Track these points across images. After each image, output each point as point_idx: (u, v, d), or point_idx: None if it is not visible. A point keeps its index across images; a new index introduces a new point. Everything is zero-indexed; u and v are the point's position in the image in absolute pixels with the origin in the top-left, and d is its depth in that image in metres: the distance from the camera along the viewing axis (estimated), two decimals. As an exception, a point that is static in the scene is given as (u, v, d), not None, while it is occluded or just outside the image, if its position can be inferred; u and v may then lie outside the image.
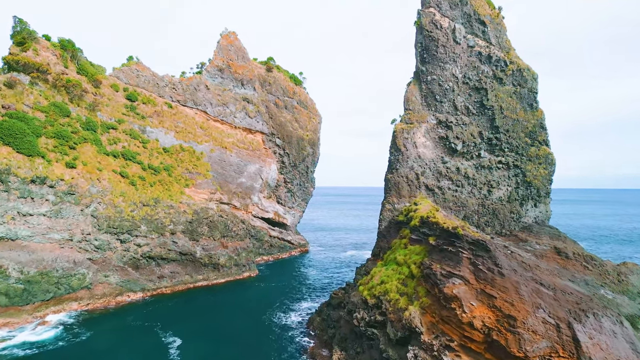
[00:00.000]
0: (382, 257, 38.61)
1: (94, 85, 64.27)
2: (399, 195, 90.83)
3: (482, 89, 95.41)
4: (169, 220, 60.14)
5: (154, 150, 67.66)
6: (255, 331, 43.10)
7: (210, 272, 61.46)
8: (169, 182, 66.01)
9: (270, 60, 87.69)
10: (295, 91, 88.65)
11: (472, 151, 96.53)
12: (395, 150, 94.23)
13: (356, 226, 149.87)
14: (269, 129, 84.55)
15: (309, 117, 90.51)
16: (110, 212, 54.67)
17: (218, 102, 78.60)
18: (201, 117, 76.87)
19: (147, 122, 68.67)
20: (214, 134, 77.09)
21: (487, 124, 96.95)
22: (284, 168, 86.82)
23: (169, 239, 59.16)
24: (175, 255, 59.01)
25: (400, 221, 37.29)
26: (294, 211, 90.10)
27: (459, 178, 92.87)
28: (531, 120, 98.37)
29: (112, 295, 51.77)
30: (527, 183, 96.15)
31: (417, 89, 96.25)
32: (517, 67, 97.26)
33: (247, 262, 66.25)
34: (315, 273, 70.17)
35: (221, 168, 76.11)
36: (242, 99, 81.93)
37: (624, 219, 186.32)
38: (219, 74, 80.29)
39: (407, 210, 37.01)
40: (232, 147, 78.67)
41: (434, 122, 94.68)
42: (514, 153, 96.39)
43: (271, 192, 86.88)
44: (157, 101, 71.56)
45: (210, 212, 65.14)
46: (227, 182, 76.63)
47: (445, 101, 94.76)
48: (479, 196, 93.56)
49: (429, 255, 30.21)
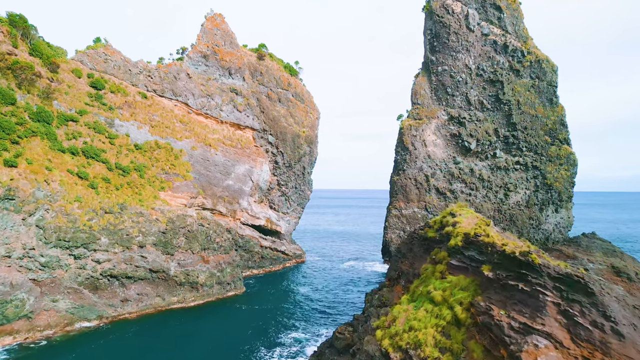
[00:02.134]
0: (404, 284, 28.80)
1: (50, 69, 54.11)
2: (406, 200, 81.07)
3: (498, 82, 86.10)
4: (137, 231, 49.95)
5: (124, 147, 57.54)
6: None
7: (187, 292, 51.29)
8: (140, 184, 55.87)
9: (262, 47, 77.91)
10: (290, 82, 78.88)
11: (486, 150, 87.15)
12: (402, 150, 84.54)
13: (355, 232, 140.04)
14: (260, 125, 74.65)
15: (305, 112, 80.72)
16: (60, 221, 44.41)
17: (201, 93, 68.62)
18: (181, 110, 66.83)
19: (115, 114, 58.56)
20: (197, 129, 67.06)
21: (503, 121, 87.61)
22: (278, 169, 76.92)
23: (137, 253, 48.98)
24: (143, 273, 48.82)
25: (430, 238, 27.61)
26: (288, 217, 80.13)
27: (472, 180, 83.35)
28: (551, 116, 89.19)
29: (59, 325, 41.45)
30: (547, 186, 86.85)
31: (426, 81, 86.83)
32: (535, 57, 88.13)
33: (233, 279, 56.14)
34: (311, 291, 60.17)
35: (204, 168, 66.06)
36: (230, 90, 72.01)
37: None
38: (203, 61, 70.35)
39: (440, 222, 27.27)
40: (217, 144, 68.67)
41: (445, 117, 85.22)
42: (532, 153, 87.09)
43: (263, 196, 76.91)
44: (128, 90, 61.47)
45: (189, 220, 55.01)
46: (212, 185, 66.56)
47: (457, 95, 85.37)
48: (494, 200, 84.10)
49: (483, 293, 20.51)
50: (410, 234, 32.11)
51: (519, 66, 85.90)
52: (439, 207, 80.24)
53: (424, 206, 79.56)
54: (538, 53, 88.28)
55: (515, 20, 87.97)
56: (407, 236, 32.78)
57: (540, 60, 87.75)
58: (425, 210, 79.49)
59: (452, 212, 26.89)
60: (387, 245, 79.20)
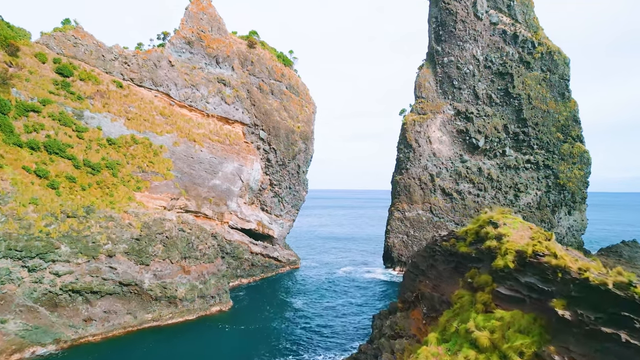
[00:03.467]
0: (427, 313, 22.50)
1: (8, 52, 47.21)
2: (410, 201, 74.85)
3: (507, 74, 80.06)
4: (105, 238, 43.22)
5: (95, 141, 50.75)
6: None
7: (163, 307, 44.63)
8: (112, 184, 49.11)
9: (253, 34, 71.34)
10: (284, 73, 72.38)
11: (495, 148, 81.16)
12: (405, 147, 78.31)
13: (353, 235, 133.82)
14: (251, 119, 68.11)
15: (300, 106, 74.25)
16: (11, 227, 37.60)
17: (185, 83, 61.94)
18: (162, 102, 60.10)
19: (85, 104, 51.74)
20: (179, 122, 60.38)
21: (513, 116, 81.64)
22: (270, 167, 70.42)
23: (105, 264, 42.27)
24: (112, 287, 42.13)
25: (462, 254, 21.29)
26: (281, 220, 73.64)
27: (481, 180, 77.27)
28: (563, 112, 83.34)
29: (5, 352, 34.69)
30: (559, 186, 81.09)
31: (431, 73, 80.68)
32: (546, 49, 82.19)
33: (218, 292, 49.55)
34: (305, 305, 53.76)
35: (188, 166, 59.40)
36: (217, 80, 65.38)
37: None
38: (187, 47, 63.67)
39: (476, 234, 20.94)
40: (202, 140, 62.03)
41: (452, 112, 79.04)
42: (544, 150, 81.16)
43: (254, 197, 70.37)
44: (101, 78, 54.67)
45: (168, 225, 48.33)
46: (196, 185, 59.91)
47: (464, 88, 79.22)
48: (504, 202, 78.09)
49: (555, 340, 14.33)
50: (430, 246, 25.82)
51: (529, 58, 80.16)
52: (444, 209, 74.23)
53: (429, 208, 73.48)
54: (549, 44, 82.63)
55: (525, 8, 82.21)
56: (426, 248, 26.44)
57: (551, 52, 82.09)
58: (430, 213, 73.40)
59: (492, 220, 20.59)
60: (389, 250, 73.03)
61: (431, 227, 73.06)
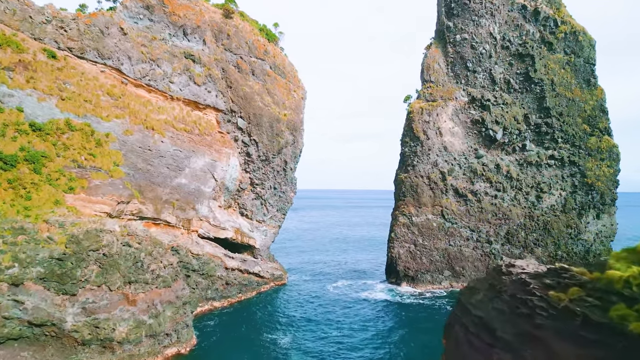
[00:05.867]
0: None
1: None
2: (417, 203, 62.91)
3: (528, 56, 68.25)
4: (9, 258, 30.62)
5: (11, 126, 38.00)
6: None
7: (94, 355, 32.19)
8: (31, 183, 36.44)
9: (230, 1, 59.01)
10: (267, 50, 60.27)
11: (514, 141, 69.70)
12: (411, 140, 66.24)
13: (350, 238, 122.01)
14: (227, 104, 55.89)
15: (287, 90, 62.21)
16: None
17: (142, 57, 49.42)
18: (111, 79, 47.47)
19: (1, 77, 38.94)
20: (134, 106, 47.84)
21: (534, 105, 70.72)
22: (251, 163, 58.32)
23: (6, 296, 29.68)
24: (19, 329, 29.61)
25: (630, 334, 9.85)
26: (265, 227, 61.55)
27: (499, 179, 65.64)
28: (589, 100, 72.30)
29: None
30: (587, 186, 70.05)
31: (441, 53, 68.99)
32: (570, 28, 71.22)
33: (176, 327, 37.24)
34: (291, 341, 41.77)
35: (144, 161, 46.90)
36: (184, 55, 53.04)
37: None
38: (146, 13, 51.18)
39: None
40: (164, 128, 49.62)
41: (465, 99, 67.14)
42: (569, 145, 69.99)
43: (231, 199, 58.17)
44: (26, 45, 41.84)
45: (107, 239, 35.80)
46: (155, 185, 47.44)
47: (479, 71, 67.31)
48: (525, 204, 66.65)
49: None
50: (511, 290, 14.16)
51: (551, 38, 69.62)
52: (458, 213, 63.07)
53: (440, 212, 62.21)
54: (573, 23, 72.24)
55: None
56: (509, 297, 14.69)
57: (576, 32, 71.69)
58: (441, 217, 62.13)
59: None
60: (393, 262, 61.51)
61: (443, 234, 61.84)
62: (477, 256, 62.71)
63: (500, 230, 64.06)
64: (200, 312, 46.78)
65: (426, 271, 60.21)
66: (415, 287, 58.63)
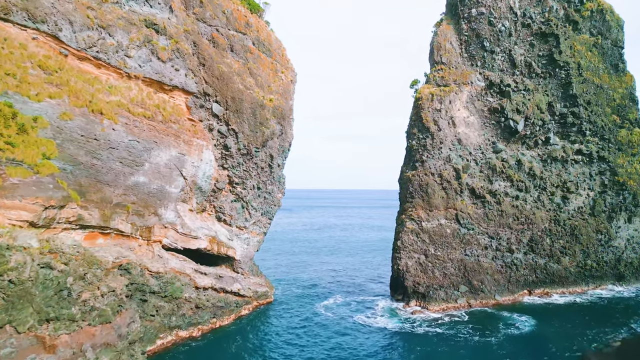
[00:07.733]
0: None
1: None
2: (428, 206, 51.44)
3: (551, 36, 57.57)
4: None
5: None
6: None
7: None
8: None
9: (202, -38, 48.76)
10: (249, 22, 50.27)
11: (537, 134, 60.38)
12: (419, 131, 54.94)
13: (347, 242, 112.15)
14: (199, 85, 45.68)
15: (274, 70, 52.27)
16: None
17: (89, 23, 39.02)
18: (46, 48, 36.94)
19: None
20: (75, 83, 37.40)
21: (559, 92, 61.27)
22: (229, 158, 48.24)
23: None
24: None
25: None
26: (247, 234, 51.52)
27: (520, 177, 55.79)
28: (618, 88, 62.84)
29: None
30: (618, 185, 60.11)
31: (453, 30, 58.28)
32: (597, 6, 61.89)
33: (116, 379, 27.06)
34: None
35: (87, 154, 36.48)
36: (145, 24, 42.75)
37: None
38: (94, -32, 40.69)
39: None
40: (117, 112, 39.24)
41: (482, 84, 56.24)
42: (597, 138, 60.98)
43: (205, 201, 48.03)
44: None
45: (16, 259, 25.48)
46: (103, 184, 37.05)
47: (497, 52, 56.14)
48: (550, 206, 55.84)
49: None
50: None
51: (577, 16, 60.89)
52: (475, 217, 53.81)
53: (455, 216, 52.85)
54: (600, 0, 63.85)
55: (571, -49, 62.93)
56: None
57: (603, 10, 63.10)
58: (456, 222, 52.78)
59: None
60: (400, 276, 51.89)
61: (458, 242, 52.52)
62: (497, 268, 53.57)
63: (522, 236, 54.99)
64: (160, 348, 36.48)
65: (439, 287, 50.77)
66: (427, 306, 49.13)
